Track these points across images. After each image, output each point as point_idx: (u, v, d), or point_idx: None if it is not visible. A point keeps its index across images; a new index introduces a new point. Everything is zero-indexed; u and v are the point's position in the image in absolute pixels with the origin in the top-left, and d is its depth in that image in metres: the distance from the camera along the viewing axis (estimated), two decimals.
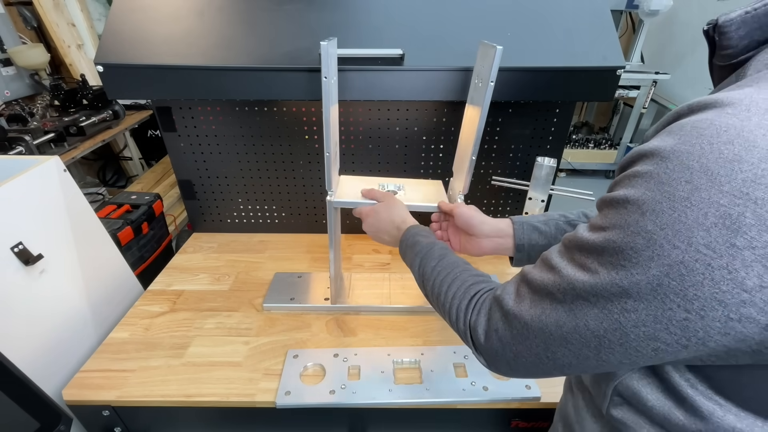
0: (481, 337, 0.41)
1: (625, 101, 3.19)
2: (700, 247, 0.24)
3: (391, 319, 0.88)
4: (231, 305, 0.91)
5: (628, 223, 0.27)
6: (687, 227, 0.24)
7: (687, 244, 0.24)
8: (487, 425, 0.76)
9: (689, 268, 0.24)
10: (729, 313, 0.24)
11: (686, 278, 0.24)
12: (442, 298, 0.49)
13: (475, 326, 0.42)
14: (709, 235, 0.23)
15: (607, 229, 0.29)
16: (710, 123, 0.25)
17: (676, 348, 0.27)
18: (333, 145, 0.72)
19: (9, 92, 1.90)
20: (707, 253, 0.23)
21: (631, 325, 0.28)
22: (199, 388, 0.71)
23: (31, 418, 0.58)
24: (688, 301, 0.25)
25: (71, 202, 0.80)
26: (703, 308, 0.24)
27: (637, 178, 0.27)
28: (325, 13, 0.86)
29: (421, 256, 0.56)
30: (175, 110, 0.98)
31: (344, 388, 0.71)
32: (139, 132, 2.24)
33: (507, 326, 0.37)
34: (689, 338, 0.26)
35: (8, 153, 1.39)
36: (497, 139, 1.03)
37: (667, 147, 0.26)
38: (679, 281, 0.25)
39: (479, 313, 0.42)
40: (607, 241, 0.28)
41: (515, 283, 0.39)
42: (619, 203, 0.28)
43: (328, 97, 0.66)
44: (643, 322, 0.27)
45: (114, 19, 0.84)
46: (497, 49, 0.59)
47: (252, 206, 1.14)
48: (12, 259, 0.67)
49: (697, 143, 0.24)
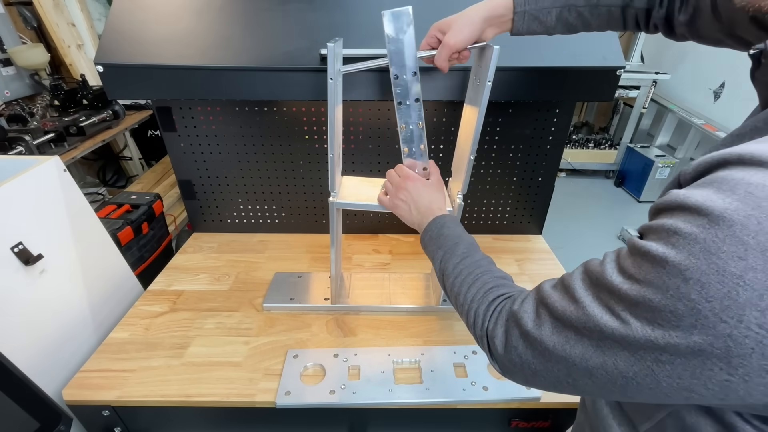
0: (499, 347, 0.40)
1: (625, 101, 3.19)
2: (752, 325, 0.23)
3: (391, 319, 0.88)
4: (231, 305, 0.91)
5: (667, 286, 0.26)
6: (738, 305, 0.23)
7: (737, 321, 0.23)
8: (487, 425, 0.76)
9: (737, 342, 0.24)
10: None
11: (733, 350, 0.24)
12: (461, 299, 0.48)
13: (493, 335, 0.41)
14: (764, 317, 0.23)
15: (642, 284, 0.27)
16: (766, 189, 0.23)
17: (711, 400, 0.27)
18: (337, 146, 0.72)
19: (9, 92, 1.91)
20: (759, 332, 0.23)
21: (665, 374, 0.27)
22: (199, 388, 0.71)
23: (31, 418, 0.58)
24: (733, 368, 0.24)
25: (71, 202, 0.80)
26: (749, 374, 0.24)
27: (678, 236, 0.26)
28: (325, 13, 0.86)
29: (444, 250, 0.54)
30: (175, 110, 0.98)
31: (344, 388, 0.71)
32: (139, 132, 2.25)
33: (527, 346, 0.36)
34: (727, 395, 0.26)
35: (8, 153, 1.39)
36: (497, 139, 1.03)
37: (717, 209, 0.24)
38: (724, 351, 0.24)
39: (497, 323, 0.41)
40: (641, 297, 0.27)
41: (533, 302, 0.38)
42: (656, 260, 0.27)
43: (334, 98, 0.66)
44: (679, 375, 0.26)
45: (114, 19, 0.84)
46: (494, 48, 0.59)
47: (252, 206, 1.14)
48: (12, 259, 0.67)
49: (753, 215, 0.23)
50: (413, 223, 0.66)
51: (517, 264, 1.07)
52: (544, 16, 0.57)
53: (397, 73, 0.65)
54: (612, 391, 0.31)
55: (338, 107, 0.70)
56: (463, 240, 0.55)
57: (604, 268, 0.31)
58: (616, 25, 0.57)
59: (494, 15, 0.58)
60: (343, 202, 0.76)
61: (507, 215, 1.16)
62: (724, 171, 0.26)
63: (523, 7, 0.57)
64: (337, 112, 0.69)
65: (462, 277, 0.49)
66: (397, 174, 0.70)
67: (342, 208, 0.81)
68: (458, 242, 0.55)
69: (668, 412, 0.35)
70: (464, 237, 0.56)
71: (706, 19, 0.47)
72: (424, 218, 0.63)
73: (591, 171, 3.24)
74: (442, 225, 0.58)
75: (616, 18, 0.56)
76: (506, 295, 0.44)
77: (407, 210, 0.66)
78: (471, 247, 0.54)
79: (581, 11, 0.56)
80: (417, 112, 0.68)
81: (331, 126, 0.68)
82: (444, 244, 0.55)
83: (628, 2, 0.54)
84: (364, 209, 0.77)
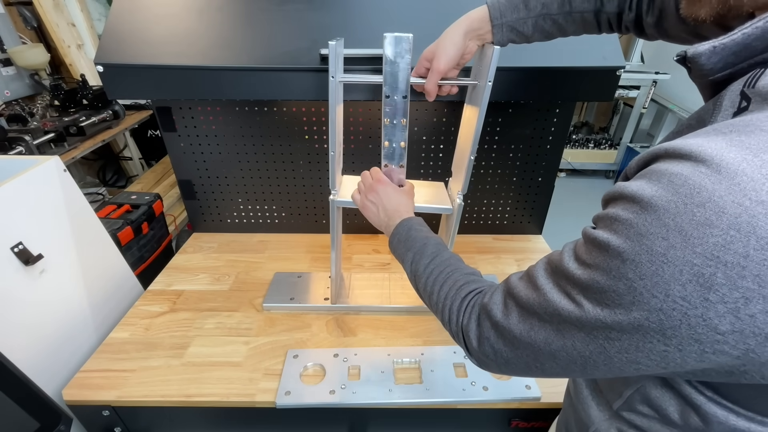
0: (473, 341, 0.42)
1: (625, 101, 3.19)
2: (677, 299, 0.26)
3: (390, 319, 0.88)
4: (231, 305, 0.91)
5: (610, 268, 0.29)
6: (664, 281, 0.26)
7: (665, 295, 0.26)
8: (487, 425, 0.76)
9: (667, 314, 0.27)
10: (704, 348, 0.27)
11: (665, 322, 0.27)
12: (435, 298, 0.50)
13: (467, 330, 0.43)
14: (685, 290, 0.26)
15: (592, 268, 0.31)
16: (685, 180, 0.26)
17: (656, 369, 0.30)
18: (338, 145, 0.73)
19: (9, 92, 1.90)
20: (683, 304, 0.26)
21: (615, 350, 0.30)
22: (199, 388, 0.71)
23: (31, 418, 0.58)
24: (668, 339, 0.27)
25: (71, 202, 0.80)
26: (681, 344, 0.27)
27: (619, 223, 0.29)
28: (325, 13, 0.86)
29: (413, 252, 0.56)
30: (175, 110, 0.98)
31: (344, 388, 0.71)
32: (139, 132, 2.25)
33: (498, 336, 0.39)
34: (668, 364, 0.29)
35: (8, 153, 1.39)
36: (497, 139, 1.03)
37: (646, 196, 0.28)
38: (658, 324, 0.27)
39: (470, 318, 0.43)
40: (591, 280, 0.30)
41: (502, 293, 0.41)
42: (601, 246, 0.30)
43: (335, 97, 0.66)
44: (626, 349, 0.30)
45: (114, 19, 0.84)
46: (494, 48, 0.59)
47: (252, 206, 1.14)
48: (12, 259, 0.67)
49: (673, 201, 0.26)
50: (380, 225, 0.67)
51: (517, 264, 1.06)
52: (521, 27, 0.59)
53: (389, 93, 0.67)
54: (574, 370, 0.34)
55: (339, 106, 0.70)
56: (430, 241, 0.57)
57: (562, 257, 0.34)
58: (592, 29, 0.59)
59: (472, 29, 0.60)
60: (343, 200, 0.77)
61: (507, 215, 1.16)
62: (656, 164, 0.29)
63: (500, 20, 0.59)
64: (338, 111, 0.70)
65: (434, 277, 0.51)
66: (371, 176, 0.71)
67: (342, 207, 0.81)
68: (426, 243, 0.56)
69: (635, 388, 0.38)
70: (431, 237, 0.58)
71: (672, 20, 0.49)
72: (391, 221, 0.64)
73: (591, 171, 3.24)
74: (410, 227, 0.60)
75: (590, 22, 0.58)
76: (477, 290, 0.46)
77: (375, 212, 0.68)
78: (439, 247, 0.56)
79: (556, 19, 0.58)
80: (402, 132, 0.71)
81: (332, 125, 0.68)
82: (413, 246, 0.57)
83: (599, 7, 0.56)
84: None
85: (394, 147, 0.73)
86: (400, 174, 0.75)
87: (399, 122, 0.70)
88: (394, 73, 0.65)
